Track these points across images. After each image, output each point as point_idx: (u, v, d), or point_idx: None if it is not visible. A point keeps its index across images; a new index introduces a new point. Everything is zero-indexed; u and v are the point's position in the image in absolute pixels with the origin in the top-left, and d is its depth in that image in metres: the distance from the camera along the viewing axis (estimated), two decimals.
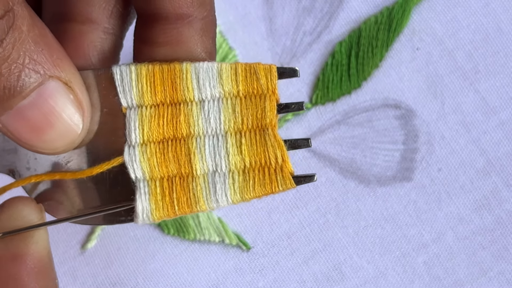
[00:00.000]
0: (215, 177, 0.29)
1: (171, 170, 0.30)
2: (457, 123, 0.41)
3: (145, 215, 0.29)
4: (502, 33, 0.41)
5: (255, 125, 0.30)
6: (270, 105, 0.29)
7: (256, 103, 0.30)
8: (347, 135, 0.41)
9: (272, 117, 0.29)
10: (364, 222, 0.41)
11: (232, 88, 0.30)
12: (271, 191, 0.29)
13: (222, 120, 0.30)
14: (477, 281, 0.40)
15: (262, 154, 0.29)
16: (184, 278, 0.41)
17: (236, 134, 0.30)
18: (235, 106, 0.30)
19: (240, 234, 0.41)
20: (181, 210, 0.29)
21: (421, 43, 0.42)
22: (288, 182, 0.29)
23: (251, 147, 0.29)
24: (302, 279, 0.41)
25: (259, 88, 0.30)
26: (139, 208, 0.29)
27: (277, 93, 0.30)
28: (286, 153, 0.29)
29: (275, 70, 0.30)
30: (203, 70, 0.30)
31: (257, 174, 0.29)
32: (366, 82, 0.42)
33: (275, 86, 0.30)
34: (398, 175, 0.41)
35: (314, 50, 0.42)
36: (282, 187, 0.29)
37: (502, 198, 0.41)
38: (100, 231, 0.42)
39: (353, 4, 0.42)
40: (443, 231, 0.41)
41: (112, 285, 0.41)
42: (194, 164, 0.29)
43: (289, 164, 0.29)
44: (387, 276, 0.41)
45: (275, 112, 0.30)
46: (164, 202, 0.29)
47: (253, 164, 0.29)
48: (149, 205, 0.29)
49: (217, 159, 0.30)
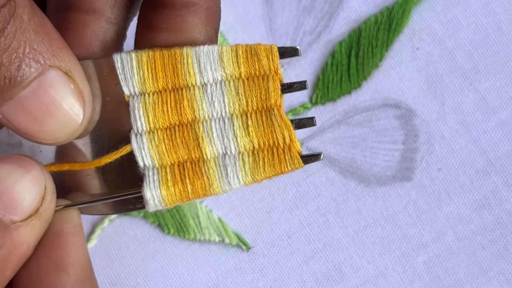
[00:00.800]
0: (225, 160, 0.29)
1: (181, 156, 0.30)
2: (457, 123, 0.41)
3: (156, 201, 0.29)
4: (502, 33, 0.41)
5: (260, 106, 0.29)
6: (274, 85, 0.29)
7: (259, 84, 0.29)
8: (347, 135, 0.41)
9: (276, 97, 0.29)
10: (364, 222, 0.41)
11: (234, 70, 0.30)
12: (280, 171, 0.29)
13: (226, 103, 0.30)
14: (477, 281, 0.40)
15: (270, 135, 0.29)
16: (184, 277, 0.41)
17: (242, 116, 0.30)
18: (238, 88, 0.30)
19: (240, 234, 0.41)
20: (195, 194, 0.29)
21: (421, 43, 0.42)
22: (296, 161, 0.29)
23: (258, 128, 0.29)
24: (302, 279, 0.41)
25: (261, 69, 0.29)
26: (148, 195, 0.29)
27: (280, 73, 0.30)
28: (293, 133, 0.29)
29: (276, 50, 0.30)
30: (204, 53, 0.30)
31: (266, 155, 0.29)
32: (366, 82, 0.42)
33: (277, 66, 0.29)
34: (398, 175, 0.41)
35: (314, 50, 0.42)
36: (290, 167, 0.29)
37: (502, 198, 0.41)
38: (100, 231, 0.42)
39: (353, 4, 0.42)
40: (443, 231, 0.41)
41: (112, 284, 0.41)
42: (203, 148, 0.29)
43: (296, 143, 0.29)
44: (387, 276, 0.41)
45: (279, 92, 0.29)
46: (177, 187, 0.29)
47: (261, 145, 0.29)
48: (160, 192, 0.29)
49: (225, 142, 0.29)
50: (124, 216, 0.42)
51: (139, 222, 0.42)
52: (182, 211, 0.42)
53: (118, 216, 0.42)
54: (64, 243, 0.29)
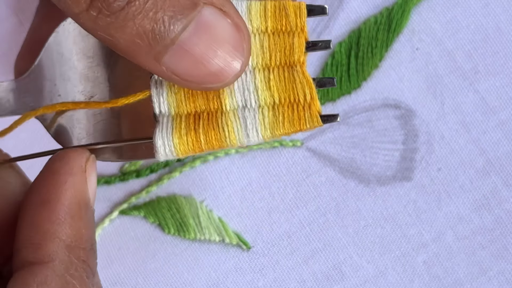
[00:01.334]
0: (245, 112, 0.29)
1: (199, 106, 0.29)
2: (457, 123, 0.41)
3: (167, 149, 0.29)
4: (501, 33, 0.42)
5: (284, 61, 0.29)
6: (299, 41, 0.29)
7: (285, 40, 0.29)
8: (347, 135, 0.42)
9: (300, 54, 0.29)
10: (364, 222, 0.41)
11: (261, 24, 0.29)
12: (299, 128, 0.29)
13: None
14: (477, 280, 0.40)
15: (291, 91, 0.29)
16: (184, 277, 0.41)
17: (264, 70, 0.29)
18: (263, 42, 0.29)
19: (240, 234, 0.41)
20: (208, 145, 0.29)
21: (420, 43, 0.42)
22: (315, 119, 0.29)
23: (280, 83, 0.29)
24: (302, 279, 0.41)
25: (288, 24, 0.29)
26: (159, 143, 0.29)
27: (306, 31, 0.29)
28: (314, 91, 0.29)
29: (305, 7, 0.29)
30: None
31: (286, 110, 0.29)
32: (366, 82, 0.42)
33: (304, 23, 0.29)
34: (398, 174, 0.41)
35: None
36: (309, 124, 0.29)
37: (502, 198, 0.41)
38: (101, 231, 0.42)
39: (353, 4, 0.42)
40: (443, 230, 0.41)
41: (112, 284, 0.41)
42: (223, 99, 0.29)
43: (317, 101, 0.29)
44: (387, 276, 0.41)
45: (303, 49, 0.29)
46: (189, 136, 0.29)
47: (282, 100, 0.29)
48: (172, 140, 0.29)
49: (246, 94, 0.29)
50: (124, 216, 0.42)
51: (140, 222, 0.42)
52: (182, 211, 0.42)
53: (118, 216, 0.42)
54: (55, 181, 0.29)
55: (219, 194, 0.42)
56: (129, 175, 0.42)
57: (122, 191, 0.42)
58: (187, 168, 0.42)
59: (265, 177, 0.42)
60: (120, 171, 0.43)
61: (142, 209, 0.42)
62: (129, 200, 0.42)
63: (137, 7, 0.25)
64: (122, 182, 0.42)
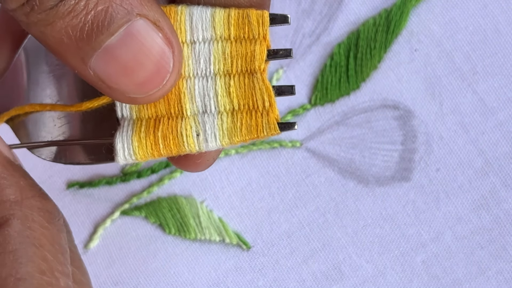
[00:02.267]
0: (204, 118, 0.29)
1: (160, 110, 0.30)
2: (455, 123, 0.41)
3: (127, 152, 0.29)
4: (500, 35, 0.42)
5: (245, 68, 0.29)
6: (260, 49, 0.29)
7: (246, 47, 0.29)
8: (346, 136, 0.42)
9: (261, 61, 0.29)
10: (363, 222, 0.41)
11: (224, 31, 0.30)
12: (256, 135, 0.29)
13: (212, 61, 0.30)
14: (475, 280, 0.40)
15: (250, 98, 0.29)
16: (184, 277, 0.41)
17: (225, 77, 0.30)
18: (225, 49, 0.30)
19: (240, 234, 0.42)
20: (167, 149, 0.29)
21: (419, 44, 0.42)
22: (272, 127, 0.29)
23: (240, 89, 0.29)
24: (302, 278, 0.41)
25: (250, 32, 0.29)
26: (118, 145, 0.29)
27: (268, 39, 0.30)
28: (273, 98, 0.29)
29: (267, 16, 0.30)
30: (197, 12, 0.30)
31: (244, 117, 0.29)
32: (365, 83, 0.42)
33: (266, 31, 0.29)
34: (397, 175, 0.41)
35: (313, 52, 0.42)
36: (266, 132, 0.29)
37: (500, 198, 0.41)
38: (103, 231, 0.42)
39: (352, 6, 0.42)
40: (442, 230, 0.41)
41: (114, 284, 0.42)
42: (184, 104, 0.29)
43: (275, 109, 0.29)
44: (386, 275, 0.41)
45: (264, 57, 0.29)
46: (148, 140, 0.29)
47: (241, 107, 0.29)
48: (131, 143, 0.29)
49: (206, 99, 0.29)
50: (126, 216, 0.42)
51: (141, 222, 0.42)
52: (183, 211, 0.42)
53: (120, 216, 0.42)
54: None
55: (219, 195, 0.42)
56: (131, 175, 0.43)
57: (123, 191, 0.43)
58: None
59: (264, 177, 0.42)
60: (122, 172, 0.43)
61: (143, 209, 0.42)
62: (131, 200, 0.42)
63: (68, 6, 0.26)
64: (123, 183, 0.43)
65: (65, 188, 0.43)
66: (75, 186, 0.43)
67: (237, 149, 0.42)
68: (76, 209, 0.43)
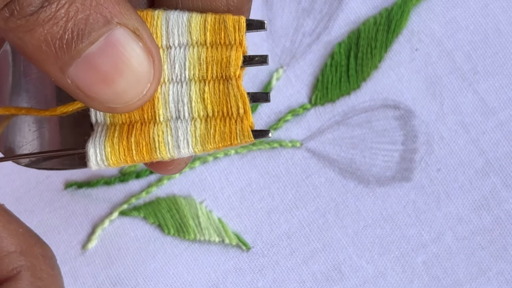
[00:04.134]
0: (177, 123, 0.29)
1: (134, 116, 0.29)
2: (456, 123, 0.41)
3: (99, 158, 0.29)
4: (501, 34, 0.42)
5: (220, 74, 0.29)
6: (236, 55, 0.29)
7: (222, 53, 0.29)
8: (346, 136, 0.42)
9: (236, 67, 0.29)
10: (364, 222, 0.41)
11: (200, 36, 0.29)
12: (229, 142, 0.29)
13: (187, 67, 0.29)
14: (476, 281, 0.40)
15: (224, 104, 0.29)
16: (184, 278, 0.41)
17: (200, 82, 0.29)
18: (200, 54, 0.29)
19: (240, 234, 0.41)
20: (139, 155, 0.29)
21: (420, 44, 0.42)
22: (246, 134, 0.29)
23: (214, 96, 0.29)
24: (302, 279, 0.41)
25: (226, 38, 0.29)
26: (91, 151, 0.29)
27: (244, 45, 0.29)
28: (248, 105, 0.29)
29: (244, 21, 0.29)
30: (174, 17, 0.29)
31: (218, 124, 0.29)
32: (365, 83, 0.42)
33: (242, 37, 0.29)
34: (397, 175, 0.41)
35: (314, 51, 0.42)
36: (240, 139, 0.29)
37: (501, 198, 0.41)
38: (101, 232, 0.42)
39: (352, 5, 0.42)
40: (442, 231, 0.41)
41: (112, 285, 0.42)
42: (157, 109, 0.29)
43: (250, 116, 0.29)
44: (386, 276, 0.41)
45: (239, 63, 0.29)
46: (121, 145, 0.29)
47: (215, 113, 0.29)
48: (104, 148, 0.29)
49: (180, 105, 0.29)
50: (124, 217, 0.42)
51: (139, 222, 0.42)
52: (182, 211, 0.42)
53: (118, 216, 0.42)
54: None
55: (218, 195, 0.42)
56: (129, 176, 0.42)
57: (122, 192, 0.42)
58: (186, 168, 0.42)
59: (264, 177, 0.42)
60: (120, 172, 0.43)
61: (142, 209, 0.42)
62: (129, 201, 0.42)
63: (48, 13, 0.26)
64: (122, 183, 0.42)
65: (63, 188, 0.43)
66: (73, 187, 0.43)
67: (236, 149, 0.42)
68: (74, 210, 0.42)
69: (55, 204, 0.43)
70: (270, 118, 0.42)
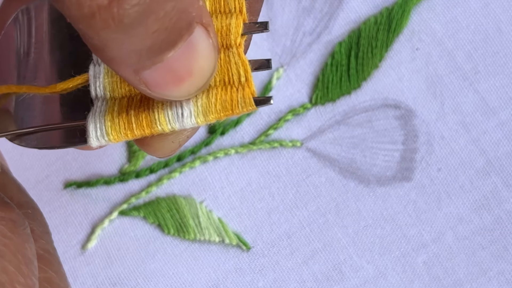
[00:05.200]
0: None
1: (134, 89, 0.28)
2: (457, 123, 0.41)
3: (99, 133, 0.28)
4: (501, 34, 0.42)
5: (220, 43, 0.28)
6: (236, 23, 0.28)
7: (222, 21, 0.28)
8: (346, 135, 0.42)
9: (237, 35, 0.28)
10: (364, 222, 0.41)
11: None
12: (231, 111, 0.28)
13: None
14: (477, 281, 0.40)
15: (226, 72, 0.28)
16: (184, 278, 0.41)
17: None
18: None
19: (240, 234, 0.41)
20: (139, 128, 0.28)
21: (420, 43, 0.42)
22: (248, 101, 0.28)
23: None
24: (302, 279, 0.41)
25: (226, 6, 0.29)
26: (91, 126, 0.28)
27: (244, 13, 0.29)
28: (249, 72, 0.28)
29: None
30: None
31: (219, 92, 0.28)
32: (366, 82, 0.42)
33: (242, 4, 0.28)
34: (398, 175, 0.41)
35: (314, 50, 0.42)
36: (241, 106, 0.28)
37: (502, 198, 0.41)
38: (101, 231, 0.42)
39: (353, 4, 0.42)
40: (443, 231, 0.41)
41: (112, 285, 0.41)
42: None
43: (251, 84, 0.28)
44: (387, 276, 0.41)
45: (240, 31, 0.28)
46: (121, 119, 0.28)
47: (217, 82, 0.28)
48: (104, 122, 0.28)
49: None
50: (124, 216, 0.42)
51: (139, 222, 0.42)
52: (182, 211, 0.42)
53: (118, 216, 0.42)
54: None
55: (218, 195, 0.42)
56: (129, 175, 0.42)
57: (121, 191, 0.42)
58: (186, 168, 0.42)
59: (264, 177, 0.42)
60: (120, 172, 0.43)
61: (141, 209, 0.42)
62: (129, 200, 0.42)
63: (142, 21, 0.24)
64: (121, 183, 0.42)
65: (62, 188, 0.43)
66: (72, 186, 0.42)
67: (236, 148, 0.42)
68: (73, 209, 0.42)
69: (55, 204, 0.42)
70: (270, 118, 0.42)
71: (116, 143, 0.28)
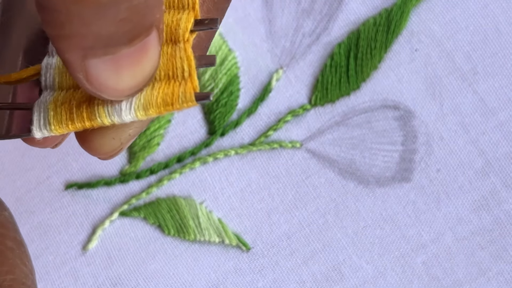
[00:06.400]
0: None
1: None
2: (456, 124, 0.41)
3: (42, 122, 0.27)
4: (500, 35, 0.42)
5: (169, 38, 0.28)
6: (187, 18, 0.28)
7: (173, 15, 0.28)
8: (346, 136, 0.42)
9: (185, 30, 0.28)
10: (363, 223, 0.41)
11: None
12: (171, 106, 0.27)
13: None
14: (476, 281, 0.40)
15: (171, 67, 0.27)
16: (184, 278, 0.41)
17: None
18: None
19: (240, 235, 0.42)
20: (79, 120, 0.27)
21: (419, 44, 0.42)
22: (188, 96, 0.27)
23: (162, 59, 0.27)
24: (302, 280, 0.41)
25: (180, 1, 0.28)
26: (35, 114, 0.27)
27: (197, 9, 0.28)
28: (193, 68, 0.27)
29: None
30: None
31: (162, 86, 0.27)
32: (365, 83, 0.42)
33: (195, 1, 0.28)
34: (397, 175, 0.41)
35: (313, 51, 0.42)
36: (181, 101, 0.27)
37: (501, 199, 0.41)
38: (101, 232, 0.42)
39: (352, 6, 0.42)
40: (442, 231, 0.41)
41: (113, 285, 0.42)
42: None
43: (194, 79, 0.27)
44: (386, 276, 0.41)
45: (189, 26, 0.28)
46: (63, 109, 0.27)
47: (161, 76, 0.27)
48: (47, 111, 0.27)
49: None
50: (124, 217, 0.42)
51: (140, 223, 0.42)
52: (182, 212, 0.42)
53: (118, 217, 0.42)
54: None
55: (218, 195, 0.42)
56: (129, 176, 0.42)
57: (122, 192, 0.42)
58: (186, 169, 0.42)
59: (264, 178, 0.42)
60: (120, 173, 0.43)
61: (142, 210, 0.42)
62: (129, 201, 0.42)
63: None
64: (122, 184, 0.42)
65: (63, 189, 0.43)
66: (73, 187, 0.43)
67: (236, 149, 0.42)
68: (74, 210, 0.42)
69: (56, 205, 0.43)
70: (270, 119, 0.42)
71: (59, 135, 0.28)
